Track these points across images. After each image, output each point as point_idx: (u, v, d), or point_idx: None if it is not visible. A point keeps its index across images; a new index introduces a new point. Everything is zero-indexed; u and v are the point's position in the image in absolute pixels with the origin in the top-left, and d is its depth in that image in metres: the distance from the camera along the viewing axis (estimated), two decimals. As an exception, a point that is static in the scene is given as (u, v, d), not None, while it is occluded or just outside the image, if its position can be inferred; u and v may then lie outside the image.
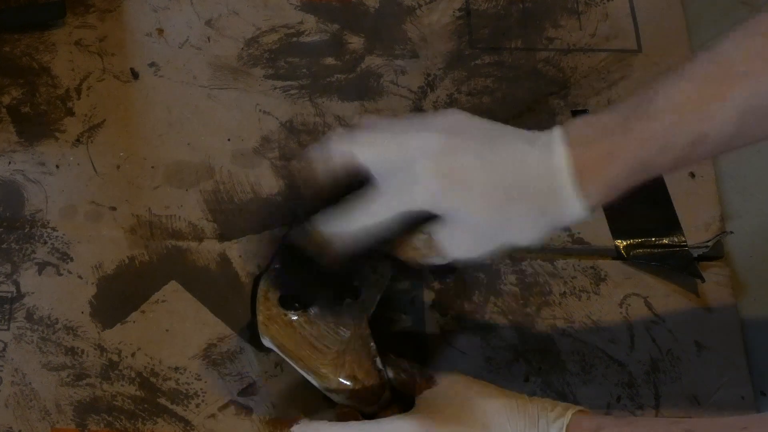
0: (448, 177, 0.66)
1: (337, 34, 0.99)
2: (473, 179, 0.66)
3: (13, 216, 0.88)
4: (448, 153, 0.66)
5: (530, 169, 0.66)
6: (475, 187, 0.66)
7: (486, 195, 0.66)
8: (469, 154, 0.66)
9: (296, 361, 0.76)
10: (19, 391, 0.81)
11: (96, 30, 0.98)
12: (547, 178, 0.65)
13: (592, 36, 1.00)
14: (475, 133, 0.67)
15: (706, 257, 0.88)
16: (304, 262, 0.72)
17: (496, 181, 0.66)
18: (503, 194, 0.66)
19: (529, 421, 0.68)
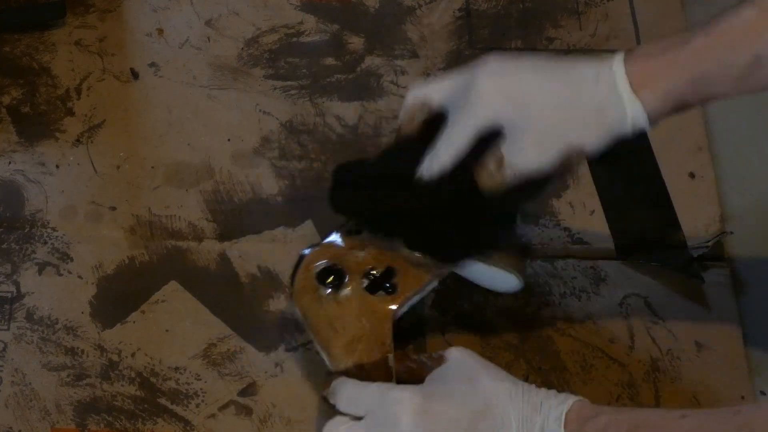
0: (507, 87, 0.70)
1: (337, 34, 0.99)
2: (531, 87, 0.70)
3: (13, 216, 0.88)
4: (506, 69, 0.71)
5: (589, 75, 0.69)
6: (533, 93, 0.70)
7: (545, 98, 0.69)
8: (527, 69, 0.71)
9: (314, 334, 0.77)
10: (19, 391, 0.81)
11: (96, 30, 0.98)
12: (605, 82, 0.68)
13: (592, 36, 1.00)
14: (531, 56, 0.73)
15: (706, 257, 0.88)
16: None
17: (554, 86, 0.70)
18: (562, 98, 0.69)
19: (531, 406, 0.68)
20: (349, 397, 0.73)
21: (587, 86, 0.69)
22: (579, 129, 0.69)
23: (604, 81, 0.68)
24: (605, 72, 0.69)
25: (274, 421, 0.80)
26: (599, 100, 0.68)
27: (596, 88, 0.68)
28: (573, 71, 0.70)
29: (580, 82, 0.69)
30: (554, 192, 0.90)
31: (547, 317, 0.86)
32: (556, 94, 0.69)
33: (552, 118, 0.69)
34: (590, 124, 0.69)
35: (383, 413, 0.70)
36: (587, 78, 0.69)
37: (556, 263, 0.88)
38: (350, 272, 0.78)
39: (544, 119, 0.69)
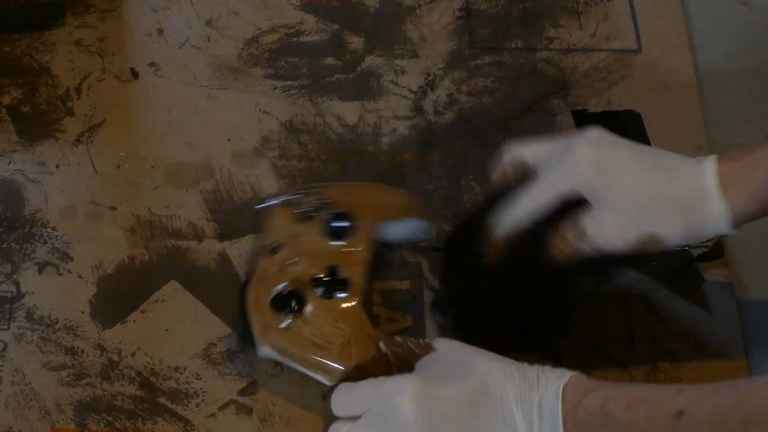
0: (603, 159, 0.72)
1: (337, 34, 0.99)
2: (626, 164, 0.71)
3: (13, 216, 0.88)
4: (606, 142, 0.73)
5: (682, 167, 0.71)
6: (627, 170, 0.71)
7: (637, 179, 0.70)
8: (626, 147, 0.73)
9: (301, 362, 0.77)
10: (19, 391, 0.81)
11: (96, 30, 0.98)
12: (697, 178, 0.70)
13: (592, 36, 1.00)
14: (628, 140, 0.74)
15: (707, 257, 0.88)
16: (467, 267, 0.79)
17: (648, 169, 0.71)
18: (653, 183, 0.70)
19: (527, 382, 0.68)
20: (344, 400, 0.72)
21: (679, 177, 0.70)
22: (663, 219, 0.70)
23: (696, 176, 0.69)
24: (698, 168, 0.70)
25: (274, 421, 0.80)
26: (687, 195, 0.69)
27: (688, 182, 0.70)
28: (668, 160, 0.72)
29: (673, 172, 0.70)
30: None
31: (547, 317, 0.86)
32: (648, 178, 0.70)
33: (639, 202, 0.71)
34: (675, 217, 0.70)
35: (382, 406, 0.69)
36: (680, 170, 0.70)
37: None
38: (302, 288, 0.78)
39: (632, 201, 0.71)
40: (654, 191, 0.70)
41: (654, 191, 0.70)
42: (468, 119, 0.94)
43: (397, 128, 0.94)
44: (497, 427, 0.67)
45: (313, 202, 0.82)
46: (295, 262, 0.79)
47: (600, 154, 0.72)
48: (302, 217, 0.81)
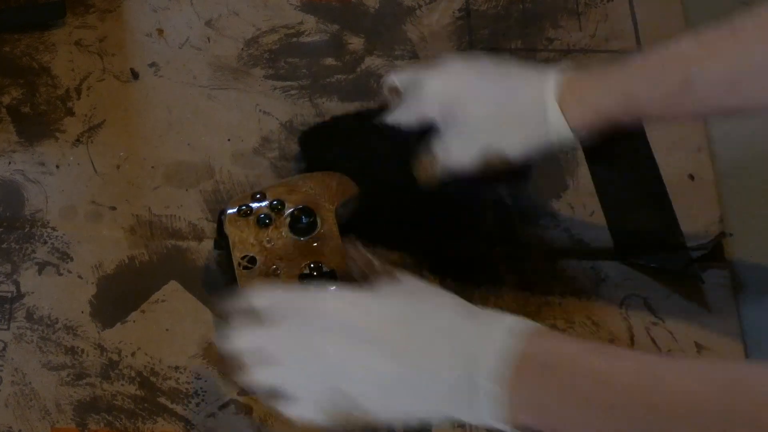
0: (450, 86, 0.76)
1: (337, 34, 0.99)
2: (470, 88, 0.74)
3: (13, 216, 0.88)
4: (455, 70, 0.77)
5: (523, 82, 0.72)
6: (470, 94, 0.74)
7: (478, 100, 0.73)
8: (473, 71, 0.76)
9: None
10: (19, 391, 0.80)
11: (96, 30, 0.98)
12: (534, 91, 0.71)
13: (592, 37, 1.00)
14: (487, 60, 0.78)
15: (706, 258, 0.88)
16: None
17: (490, 89, 0.73)
18: (493, 101, 0.73)
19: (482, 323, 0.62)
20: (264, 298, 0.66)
21: (521, 90, 0.71)
22: (503, 132, 0.72)
23: (533, 89, 0.71)
24: (538, 81, 0.71)
25: (274, 421, 0.80)
26: (526, 106, 0.70)
27: (528, 94, 0.71)
28: (513, 77, 0.74)
29: (514, 88, 0.72)
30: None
31: (547, 317, 0.86)
32: (488, 98, 0.73)
33: (479, 119, 0.73)
34: (515, 129, 0.71)
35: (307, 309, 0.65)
36: (524, 84, 0.72)
37: (556, 263, 0.88)
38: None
39: (473, 119, 0.73)
40: (495, 107, 0.72)
41: (495, 107, 0.72)
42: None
43: (397, 129, 0.94)
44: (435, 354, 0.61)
45: (265, 207, 0.81)
46: (276, 269, 0.79)
47: (448, 85, 0.76)
48: (263, 223, 0.80)
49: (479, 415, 0.60)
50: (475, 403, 0.60)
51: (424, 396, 0.61)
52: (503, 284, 0.87)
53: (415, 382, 0.61)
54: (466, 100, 0.74)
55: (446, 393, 0.61)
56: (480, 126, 0.73)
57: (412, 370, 0.61)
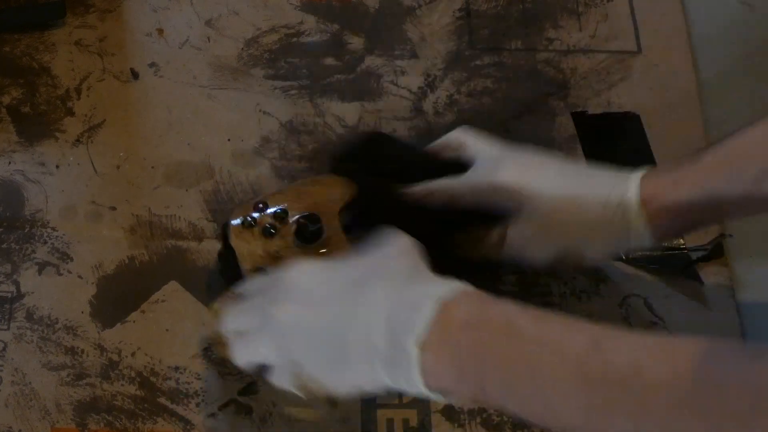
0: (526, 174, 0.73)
1: (337, 34, 0.99)
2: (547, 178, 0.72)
3: (13, 216, 0.88)
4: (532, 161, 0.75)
5: (603, 183, 0.71)
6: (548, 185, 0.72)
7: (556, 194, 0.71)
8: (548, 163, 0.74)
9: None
10: (19, 391, 0.81)
11: (96, 30, 0.98)
12: (616, 193, 0.70)
13: (592, 37, 1.00)
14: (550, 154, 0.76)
15: (706, 258, 0.88)
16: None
17: (568, 185, 0.71)
18: (572, 198, 0.71)
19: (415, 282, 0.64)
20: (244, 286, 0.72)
21: (601, 191, 0.70)
22: (583, 233, 0.70)
23: (618, 190, 0.70)
24: (621, 182, 0.70)
25: (274, 420, 0.80)
26: (608, 209, 0.69)
27: (609, 196, 0.70)
28: (591, 174, 0.72)
29: (596, 186, 0.71)
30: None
31: (547, 317, 0.86)
32: (569, 191, 0.71)
33: (559, 216, 0.71)
34: (595, 232, 0.70)
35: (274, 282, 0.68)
36: (603, 184, 0.71)
37: (556, 264, 0.88)
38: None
39: (551, 214, 0.71)
40: (575, 205, 0.71)
41: (575, 205, 0.71)
42: (468, 120, 0.94)
43: (397, 129, 0.94)
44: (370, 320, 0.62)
45: (269, 216, 0.78)
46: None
47: (526, 169, 0.73)
48: (268, 233, 0.78)
49: (412, 382, 0.61)
50: (405, 371, 0.61)
51: (361, 364, 0.63)
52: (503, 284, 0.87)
53: (351, 350, 0.63)
54: (546, 188, 0.72)
55: (382, 361, 0.62)
56: (560, 221, 0.71)
57: (348, 337, 0.63)
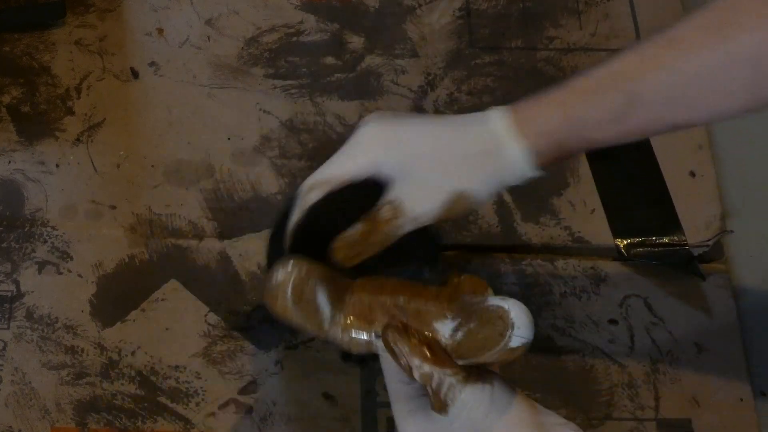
0: (387, 136, 0.69)
1: (337, 33, 0.99)
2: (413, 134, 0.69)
3: (13, 215, 0.88)
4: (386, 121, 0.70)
5: (472, 121, 0.69)
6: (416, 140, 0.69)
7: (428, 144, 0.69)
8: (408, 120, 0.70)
9: None
10: (18, 390, 0.81)
11: (96, 29, 0.98)
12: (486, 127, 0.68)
13: (593, 35, 1.00)
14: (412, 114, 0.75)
15: (707, 258, 0.88)
16: None
17: (437, 132, 0.69)
18: (445, 143, 0.68)
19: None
20: None
21: (471, 130, 0.68)
22: (464, 174, 0.68)
23: (487, 124, 0.68)
24: (488, 116, 0.68)
25: (274, 420, 0.80)
26: (482, 143, 0.67)
27: (480, 131, 0.68)
28: (456, 120, 0.70)
29: (463, 128, 0.69)
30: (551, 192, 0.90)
31: (547, 317, 0.86)
32: (440, 138, 0.69)
33: (437, 162, 0.68)
34: (476, 169, 0.68)
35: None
36: (471, 123, 0.69)
37: (556, 263, 0.88)
38: None
39: (430, 163, 0.68)
40: (449, 149, 0.69)
41: (449, 149, 0.69)
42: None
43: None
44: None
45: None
46: None
47: (384, 130, 0.70)
48: None
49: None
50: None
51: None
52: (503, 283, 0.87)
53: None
54: (416, 145, 0.69)
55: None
56: (440, 167, 0.69)
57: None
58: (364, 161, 0.69)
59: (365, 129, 0.70)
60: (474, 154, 0.68)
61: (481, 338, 0.64)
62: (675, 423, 0.82)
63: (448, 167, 0.68)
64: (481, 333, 0.64)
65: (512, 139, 0.67)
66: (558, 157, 0.68)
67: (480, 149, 0.67)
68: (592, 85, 0.66)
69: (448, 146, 0.68)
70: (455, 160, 0.68)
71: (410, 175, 0.69)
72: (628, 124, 0.65)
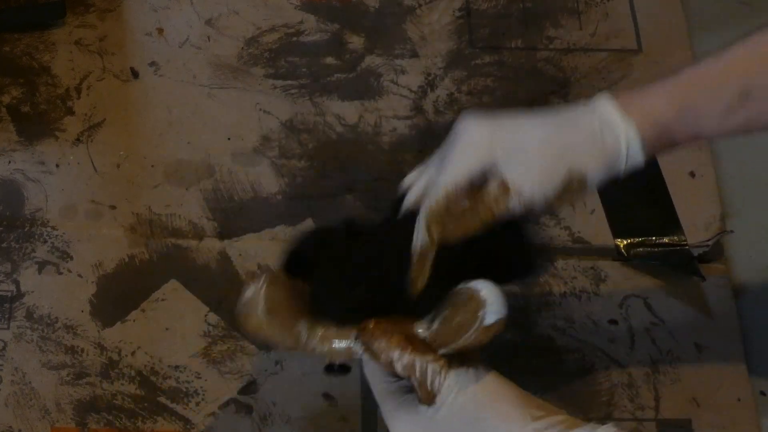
0: (493, 126, 0.69)
1: (337, 33, 0.99)
2: (520, 126, 0.69)
3: (13, 215, 0.88)
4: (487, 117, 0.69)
5: (576, 111, 0.69)
6: (524, 129, 0.68)
7: (539, 131, 0.68)
8: (509, 115, 0.70)
9: None
10: (19, 390, 0.80)
11: (96, 29, 0.98)
12: (595, 113, 0.68)
13: (593, 35, 1.00)
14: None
15: (706, 258, 0.88)
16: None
17: (543, 121, 0.69)
18: (557, 128, 0.68)
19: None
20: None
21: (577, 116, 0.68)
22: (577, 157, 0.68)
23: (592, 110, 0.68)
24: (592, 104, 0.68)
25: (274, 419, 0.80)
26: (590, 127, 0.67)
27: (586, 117, 0.68)
28: (558, 110, 0.70)
29: (568, 114, 0.69)
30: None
31: (547, 317, 0.86)
32: (546, 126, 0.69)
33: (552, 145, 0.68)
34: (587, 153, 0.68)
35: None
36: (574, 110, 0.69)
37: (556, 263, 0.88)
38: None
39: (541, 148, 0.68)
40: (558, 134, 0.68)
41: (558, 134, 0.68)
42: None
43: (397, 128, 0.94)
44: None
45: None
46: None
47: (487, 124, 0.69)
48: None
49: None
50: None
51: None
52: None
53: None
54: (523, 129, 0.69)
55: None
56: (556, 150, 0.68)
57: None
58: (476, 156, 0.68)
59: (466, 126, 0.69)
60: (584, 138, 0.68)
61: (456, 322, 0.64)
62: (675, 423, 0.82)
63: (561, 150, 0.68)
64: (456, 317, 0.64)
65: (621, 122, 0.67)
66: (664, 146, 0.68)
67: (590, 132, 0.68)
68: (704, 77, 0.67)
69: (557, 131, 0.68)
70: (567, 143, 0.68)
71: (522, 159, 0.68)
72: (737, 116, 0.66)
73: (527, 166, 0.68)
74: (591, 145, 0.68)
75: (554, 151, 0.68)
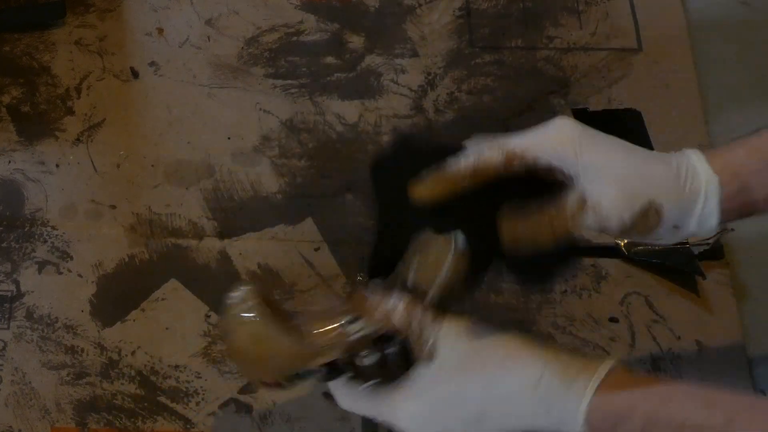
0: (585, 134, 0.68)
1: (337, 33, 0.99)
2: (608, 142, 0.69)
3: (13, 215, 0.88)
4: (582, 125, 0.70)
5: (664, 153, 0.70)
6: (613, 147, 0.69)
7: (627, 155, 0.69)
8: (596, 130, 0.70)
9: None
10: (19, 390, 0.80)
11: (96, 29, 0.98)
12: (681, 156, 0.69)
13: (593, 35, 1.00)
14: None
15: (707, 257, 0.88)
16: None
17: (631, 150, 0.69)
18: (640, 161, 0.69)
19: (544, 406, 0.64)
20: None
21: (667, 155, 0.69)
22: (661, 188, 0.68)
23: (684, 153, 0.69)
24: (683, 149, 0.70)
25: (274, 419, 0.80)
26: (680, 167, 0.68)
27: (679, 158, 0.69)
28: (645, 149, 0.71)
29: (660, 153, 0.70)
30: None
31: (548, 315, 0.86)
32: (635, 154, 0.69)
33: (638, 171, 0.69)
34: (671, 187, 0.68)
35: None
36: (663, 154, 0.70)
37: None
38: None
39: (626, 172, 0.68)
40: (645, 163, 0.69)
41: (645, 163, 0.69)
42: (468, 118, 0.94)
43: (397, 127, 0.94)
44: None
45: None
46: None
47: (582, 130, 0.69)
48: None
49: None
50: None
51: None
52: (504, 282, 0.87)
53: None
54: (612, 149, 0.69)
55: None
56: (640, 178, 0.68)
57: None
58: (557, 146, 0.68)
59: (563, 122, 0.69)
60: (670, 175, 0.68)
61: (432, 258, 0.67)
62: (676, 422, 0.82)
63: (646, 179, 0.68)
64: (430, 254, 0.67)
65: (706, 170, 0.68)
66: (741, 205, 0.69)
67: (676, 171, 0.68)
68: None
69: (645, 161, 0.69)
70: (653, 174, 0.68)
71: (606, 177, 0.68)
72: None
73: (610, 185, 0.68)
74: (674, 181, 0.68)
75: (639, 178, 0.68)
